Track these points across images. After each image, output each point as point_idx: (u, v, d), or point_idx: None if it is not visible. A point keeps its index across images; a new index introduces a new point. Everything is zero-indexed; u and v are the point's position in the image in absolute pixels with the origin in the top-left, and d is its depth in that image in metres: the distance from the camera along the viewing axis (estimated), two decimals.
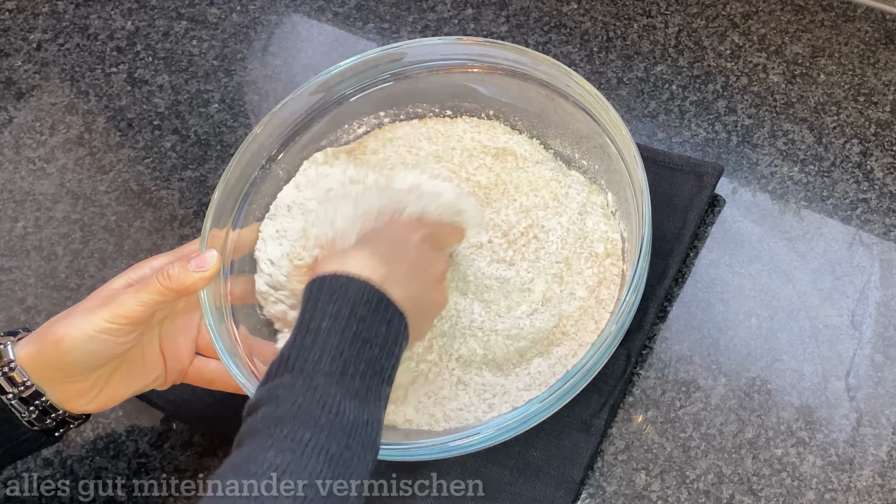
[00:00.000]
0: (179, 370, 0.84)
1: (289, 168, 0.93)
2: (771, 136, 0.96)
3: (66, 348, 0.75)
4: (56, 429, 0.80)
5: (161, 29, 1.16)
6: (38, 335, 0.77)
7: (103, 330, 0.75)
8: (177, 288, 0.77)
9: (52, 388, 0.77)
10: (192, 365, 0.85)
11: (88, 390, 0.79)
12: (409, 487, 0.85)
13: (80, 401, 0.79)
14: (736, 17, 1.03)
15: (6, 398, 0.76)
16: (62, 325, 0.76)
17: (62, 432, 0.81)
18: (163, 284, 0.77)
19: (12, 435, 0.78)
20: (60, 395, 0.78)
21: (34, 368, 0.76)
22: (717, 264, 0.91)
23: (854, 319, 0.87)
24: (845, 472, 0.81)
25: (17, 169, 1.10)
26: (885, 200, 0.91)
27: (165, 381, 0.84)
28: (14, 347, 0.77)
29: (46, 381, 0.77)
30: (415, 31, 1.10)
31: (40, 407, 0.78)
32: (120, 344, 0.77)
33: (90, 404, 0.80)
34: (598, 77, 1.03)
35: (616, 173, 0.87)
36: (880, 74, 0.98)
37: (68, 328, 0.75)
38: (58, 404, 0.78)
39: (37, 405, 0.77)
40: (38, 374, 0.76)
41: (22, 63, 1.17)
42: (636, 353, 0.87)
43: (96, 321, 0.75)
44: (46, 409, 0.78)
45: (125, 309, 0.76)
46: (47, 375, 0.77)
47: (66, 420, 0.80)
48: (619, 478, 0.84)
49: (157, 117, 1.10)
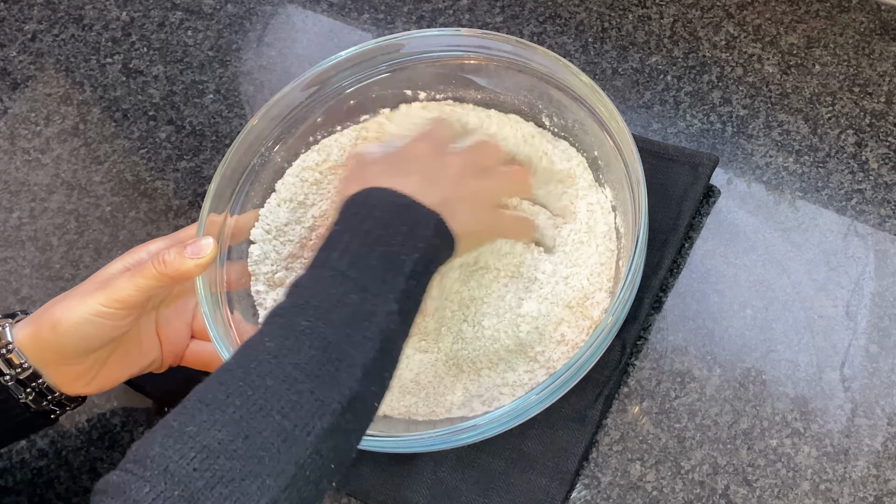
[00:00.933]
0: (176, 353, 0.84)
1: (288, 156, 0.93)
2: (766, 126, 0.96)
3: (63, 331, 0.76)
4: (53, 411, 0.81)
5: (156, 19, 1.16)
6: (35, 317, 0.78)
7: (99, 314, 0.76)
8: (172, 274, 0.77)
9: (50, 371, 0.78)
10: (188, 348, 0.85)
11: (85, 373, 0.79)
12: (405, 478, 0.85)
13: (77, 383, 0.79)
14: (731, 7, 1.03)
15: (4, 380, 0.77)
16: (59, 308, 0.76)
17: (59, 414, 0.81)
18: (158, 270, 0.77)
19: (9, 416, 0.79)
20: (58, 378, 0.78)
21: (31, 350, 0.77)
22: (711, 255, 0.91)
23: (849, 310, 0.87)
24: (840, 463, 0.82)
25: (12, 159, 1.10)
26: (880, 191, 0.92)
27: (162, 365, 0.84)
28: (12, 329, 0.77)
29: (44, 363, 0.77)
30: (410, 22, 1.10)
31: (37, 389, 0.78)
32: (116, 327, 0.77)
33: (87, 387, 0.80)
34: (592, 68, 1.03)
35: (612, 164, 0.87)
36: (875, 65, 0.98)
37: (65, 311, 0.76)
38: (55, 386, 0.79)
39: (34, 387, 0.78)
40: (35, 356, 0.77)
41: (17, 53, 1.16)
42: (631, 344, 0.87)
43: (92, 305, 0.76)
44: (43, 391, 0.78)
45: (120, 293, 0.76)
46: (44, 357, 0.77)
47: (63, 402, 0.80)
48: (614, 468, 0.84)
49: (152, 108, 1.10)
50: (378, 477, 0.86)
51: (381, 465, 0.86)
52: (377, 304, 0.66)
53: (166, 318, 0.84)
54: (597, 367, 0.80)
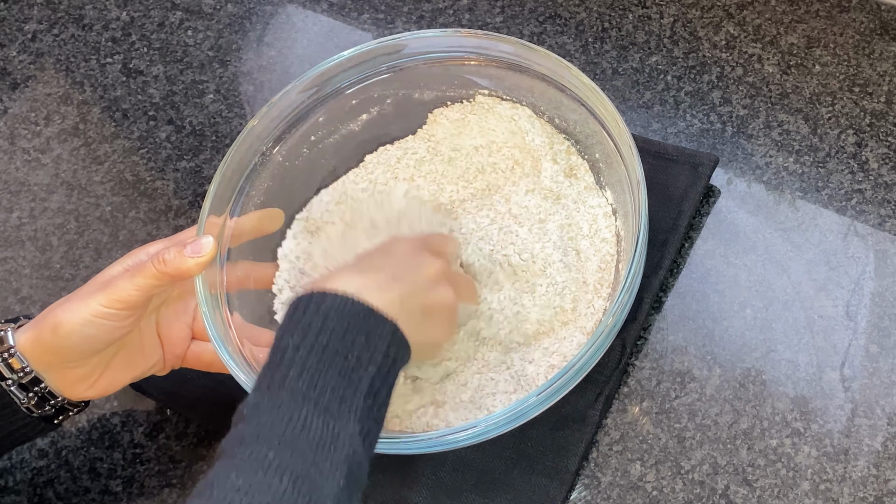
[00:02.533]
0: (177, 355, 0.84)
1: (288, 156, 0.93)
2: (766, 126, 0.96)
3: (65, 333, 0.75)
4: (55, 416, 0.80)
5: (156, 19, 1.16)
6: (37, 321, 0.78)
7: (100, 315, 0.76)
8: (172, 272, 0.77)
9: (52, 374, 0.78)
10: (189, 349, 0.85)
11: (87, 376, 0.79)
12: (404, 479, 0.85)
13: (79, 387, 0.79)
14: (731, 7, 1.03)
15: (5, 384, 0.77)
16: (60, 311, 0.76)
17: (61, 419, 0.81)
18: (158, 269, 0.77)
19: (11, 421, 0.78)
20: (59, 382, 0.78)
21: (33, 354, 0.77)
22: (712, 255, 0.91)
23: (849, 310, 0.87)
24: (840, 463, 0.82)
25: (12, 159, 1.10)
26: (880, 191, 0.92)
27: (164, 367, 0.84)
28: (14, 334, 0.77)
29: (45, 367, 0.77)
30: (410, 22, 1.10)
31: (39, 393, 0.78)
32: (117, 328, 0.77)
33: (89, 390, 0.80)
34: (592, 68, 1.03)
35: (612, 165, 0.87)
36: (875, 65, 0.98)
37: (66, 313, 0.76)
38: (57, 391, 0.79)
39: (36, 392, 0.78)
40: (36, 360, 0.77)
41: (17, 53, 1.16)
42: (631, 344, 0.87)
43: (93, 306, 0.76)
44: (45, 395, 0.78)
45: (121, 294, 0.76)
46: (46, 361, 0.77)
47: (65, 407, 0.80)
48: (614, 468, 0.84)
49: (152, 108, 1.10)
50: (378, 477, 0.86)
51: (380, 465, 0.85)
52: (339, 426, 0.65)
53: (167, 319, 0.84)
54: (597, 368, 0.80)
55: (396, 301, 0.71)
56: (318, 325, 0.68)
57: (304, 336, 0.68)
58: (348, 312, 0.69)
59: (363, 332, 0.69)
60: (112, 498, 0.91)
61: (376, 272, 0.73)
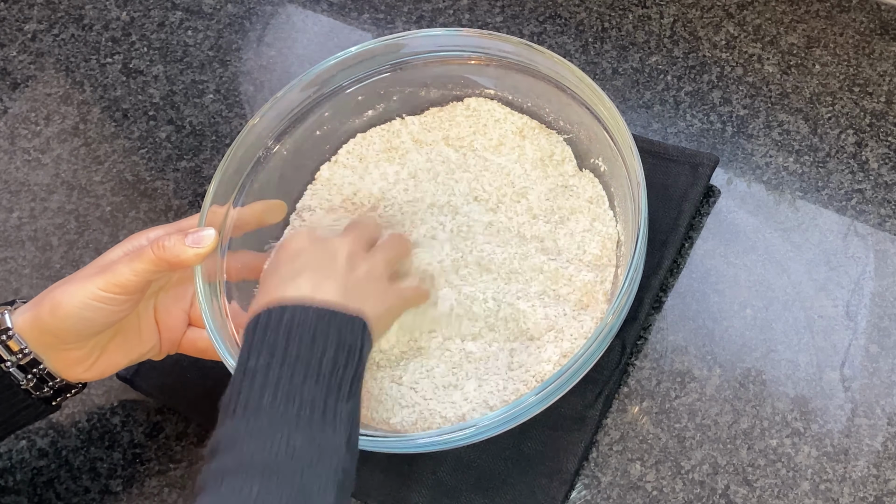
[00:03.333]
0: (173, 340, 0.85)
1: (292, 150, 0.93)
2: (766, 126, 0.96)
3: (63, 314, 0.76)
4: (54, 397, 0.81)
5: (156, 19, 1.16)
6: (35, 303, 0.78)
7: (98, 298, 0.76)
8: (170, 259, 0.77)
9: (50, 356, 0.78)
10: (185, 335, 0.85)
11: (85, 358, 0.79)
12: (405, 478, 0.85)
13: (76, 368, 0.79)
14: (731, 7, 1.03)
15: (4, 366, 0.77)
16: (59, 292, 0.76)
17: (59, 401, 0.81)
18: (157, 255, 0.77)
19: (12, 403, 0.79)
20: (58, 363, 0.79)
21: (31, 335, 0.77)
22: (711, 255, 0.91)
23: (849, 310, 0.87)
24: (840, 463, 0.82)
25: (12, 159, 1.10)
26: (880, 191, 0.92)
27: (160, 352, 0.84)
28: (11, 316, 0.77)
29: (44, 348, 0.77)
30: (409, 22, 1.10)
31: (38, 375, 0.78)
32: (115, 312, 0.77)
33: (87, 373, 0.80)
34: (592, 68, 1.03)
35: (612, 164, 0.87)
36: (875, 65, 0.98)
37: (64, 295, 0.76)
38: (55, 372, 0.79)
39: (35, 373, 0.78)
40: (35, 341, 0.77)
41: (17, 53, 1.16)
42: (631, 344, 0.87)
43: (91, 289, 0.76)
44: (44, 376, 0.79)
45: (119, 277, 0.76)
46: (44, 342, 0.77)
47: (63, 388, 0.81)
48: (614, 468, 0.84)
49: (152, 108, 1.10)
50: (378, 477, 0.86)
51: (381, 465, 0.86)
52: (324, 439, 0.65)
53: (164, 304, 0.84)
54: (597, 368, 0.80)
55: (341, 289, 0.71)
56: (284, 339, 0.68)
57: (272, 354, 0.67)
58: (311, 317, 0.69)
59: (333, 332, 0.69)
60: (112, 498, 0.91)
61: (308, 272, 0.73)
